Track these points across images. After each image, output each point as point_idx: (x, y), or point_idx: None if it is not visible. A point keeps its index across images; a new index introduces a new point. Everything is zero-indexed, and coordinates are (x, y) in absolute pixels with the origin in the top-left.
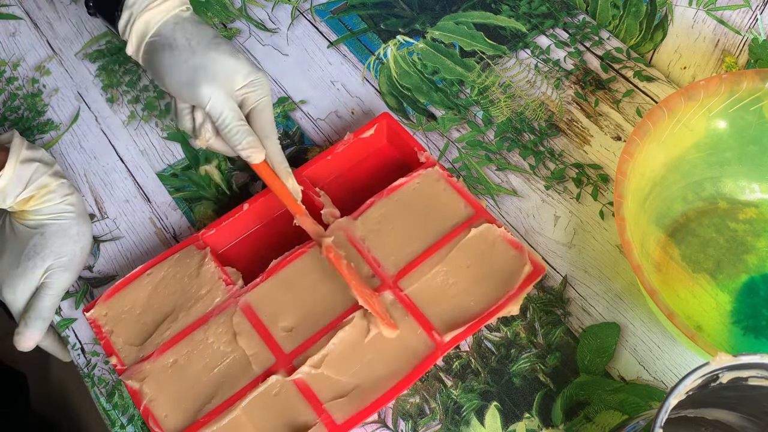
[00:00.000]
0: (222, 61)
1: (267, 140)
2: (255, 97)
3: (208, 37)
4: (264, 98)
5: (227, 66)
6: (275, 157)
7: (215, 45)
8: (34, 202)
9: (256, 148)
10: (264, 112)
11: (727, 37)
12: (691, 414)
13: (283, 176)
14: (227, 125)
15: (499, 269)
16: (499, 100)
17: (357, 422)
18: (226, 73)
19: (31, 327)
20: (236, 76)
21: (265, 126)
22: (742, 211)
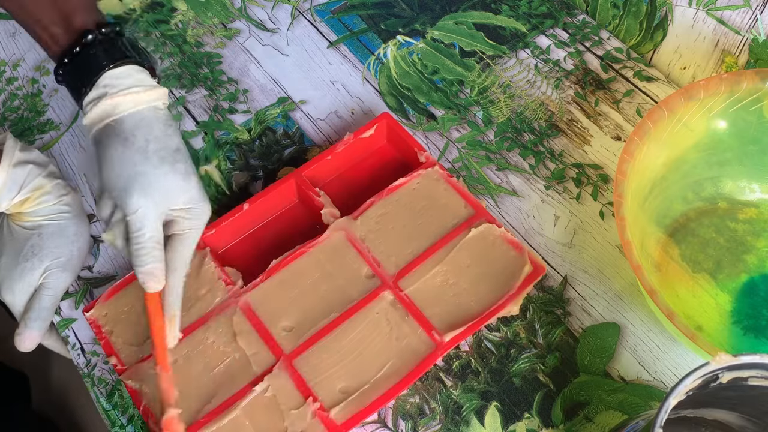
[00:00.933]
0: (170, 179)
1: (173, 273)
2: (186, 225)
3: (170, 150)
4: (192, 230)
5: (173, 186)
6: (170, 295)
7: (172, 160)
8: (29, 203)
9: (155, 277)
10: (184, 244)
11: (727, 37)
12: (691, 414)
13: (167, 317)
14: (139, 243)
15: (499, 269)
16: (499, 100)
17: (357, 422)
18: (167, 192)
19: (30, 328)
20: (177, 199)
21: (177, 259)
22: (742, 211)
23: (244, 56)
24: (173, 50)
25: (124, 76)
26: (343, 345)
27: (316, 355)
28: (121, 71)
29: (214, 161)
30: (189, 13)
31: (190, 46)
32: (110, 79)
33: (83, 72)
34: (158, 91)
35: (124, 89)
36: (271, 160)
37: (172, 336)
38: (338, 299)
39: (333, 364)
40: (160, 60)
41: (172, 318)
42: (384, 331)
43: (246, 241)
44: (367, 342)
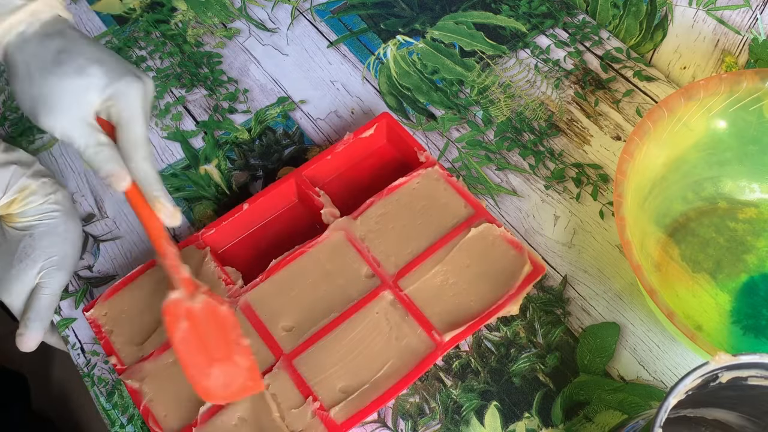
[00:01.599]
0: (62, 83)
1: (130, 161)
2: (117, 110)
3: (49, 57)
4: (125, 111)
5: (73, 87)
6: (140, 179)
7: (56, 66)
8: (17, 205)
9: (115, 176)
10: (127, 127)
11: (727, 37)
12: (690, 414)
13: (149, 201)
14: (82, 154)
15: (499, 269)
16: (498, 100)
17: (357, 422)
18: (72, 97)
19: (31, 328)
20: (87, 96)
21: (128, 144)
22: (742, 210)
23: (244, 56)
24: (173, 50)
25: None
26: (343, 345)
27: (315, 355)
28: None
29: (214, 161)
30: (189, 13)
31: (190, 45)
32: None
33: None
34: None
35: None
36: (271, 159)
37: (165, 215)
38: (338, 299)
39: (333, 363)
40: (160, 59)
41: (154, 199)
42: (384, 330)
43: (246, 240)
44: (366, 342)
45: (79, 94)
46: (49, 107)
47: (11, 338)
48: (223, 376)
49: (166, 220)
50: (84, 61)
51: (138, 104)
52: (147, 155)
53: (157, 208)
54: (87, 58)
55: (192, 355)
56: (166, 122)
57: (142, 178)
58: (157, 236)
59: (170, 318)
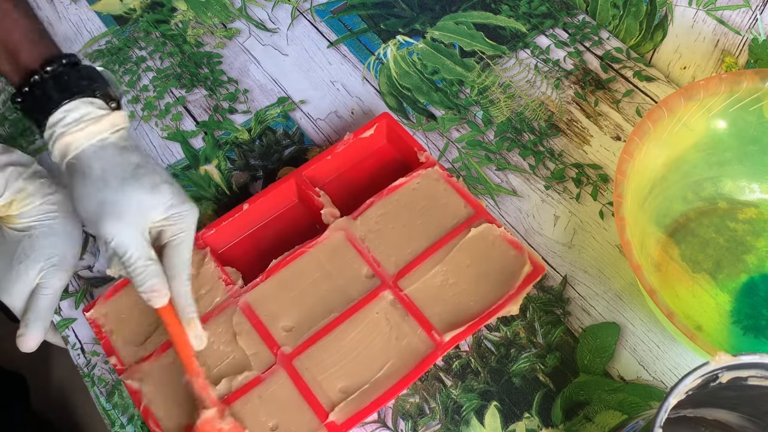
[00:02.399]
0: (137, 195)
1: (174, 280)
2: (173, 232)
3: (129, 169)
4: (181, 234)
5: (142, 201)
6: (179, 300)
7: (134, 178)
8: (15, 206)
9: (157, 292)
10: (178, 249)
11: (727, 37)
12: (690, 414)
13: (184, 322)
14: (130, 265)
15: (499, 269)
16: (498, 100)
17: (357, 422)
18: (139, 209)
19: (31, 328)
20: (152, 212)
21: (176, 265)
22: (742, 211)
23: (244, 56)
24: (173, 50)
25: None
26: (343, 345)
27: (316, 355)
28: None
29: (214, 161)
30: (189, 13)
31: (190, 46)
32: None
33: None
34: (108, 119)
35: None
36: (271, 160)
37: (194, 338)
38: (338, 299)
39: (333, 363)
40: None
41: (190, 321)
42: (384, 330)
43: (246, 241)
44: (367, 342)
45: (147, 210)
46: (117, 215)
47: (10, 339)
48: None
49: (194, 341)
50: (159, 180)
51: (192, 229)
52: (188, 278)
53: (190, 329)
54: (161, 176)
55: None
56: (166, 122)
57: (181, 298)
58: (188, 355)
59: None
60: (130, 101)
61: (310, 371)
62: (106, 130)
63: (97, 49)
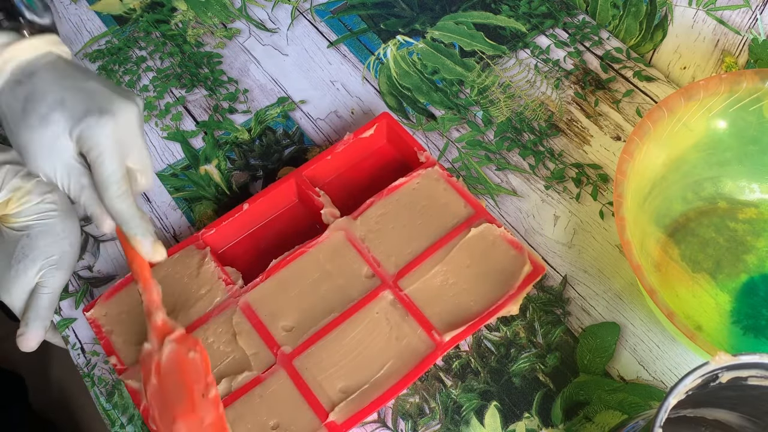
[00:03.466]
0: (33, 136)
1: (103, 200)
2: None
3: (18, 108)
4: (91, 151)
5: (41, 138)
6: (116, 219)
7: (23, 118)
8: (12, 205)
9: (98, 219)
10: (95, 167)
11: (727, 37)
12: (690, 414)
13: (128, 237)
14: (72, 198)
15: (499, 269)
16: (498, 100)
17: (357, 422)
18: (44, 145)
19: (31, 327)
20: (59, 141)
21: (98, 184)
22: (742, 211)
23: (244, 56)
24: (173, 50)
25: None
26: (343, 345)
27: (316, 355)
28: None
29: (214, 161)
30: (189, 13)
31: (190, 46)
32: None
33: None
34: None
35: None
36: (271, 160)
37: (144, 252)
38: (338, 299)
39: (333, 363)
40: (160, 59)
41: (131, 237)
42: (384, 330)
43: (246, 241)
44: (366, 342)
45: (49, 143)
46: (30, 157)
47: (10, 339)
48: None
49: (146, 256)
50: (46, 109)
51: (105, 141)
52: (119, 193)
53: (135, 246)
54: (49, 103)
55: (160, 412)
56: (166, 122)
57: (115, 217)
58: (138, 270)
59: (144, 372)
60: None
61: (310, 371)
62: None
63: (97, 49)
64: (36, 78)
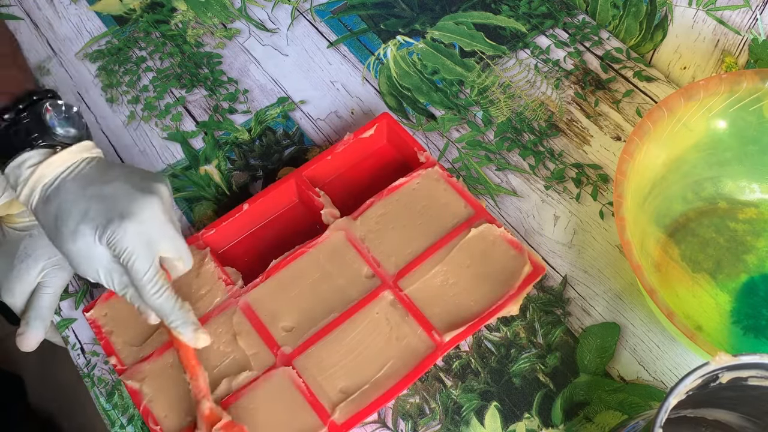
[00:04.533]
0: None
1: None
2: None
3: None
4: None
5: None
6: (158, 314)
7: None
8: (17, 206)
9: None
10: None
11: (727, 37)
12: (690, 414)
13: (171, 329)
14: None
15: (499, 269)
16: (498, 100)
17: (357, 422)
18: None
19: (31, 327)
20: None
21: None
22: (742, 211)
23: (244, 56)
24: (173, 50)
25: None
26: (343, 345)
27: (316, 355)
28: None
29: (214, 161)
30: (189, 13)
31: (190, 46)
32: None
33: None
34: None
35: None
36: (271, 160)
37: (186, 339)
38: (338, 299)
39: (333, 363)
40: (160, 60)
41: (173, 330)
42: (384, 331)
43: (246, 241)
44: (367, 342)
45: (86, 253)
46: (73, 263)
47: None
48: None
49: (189, 343)
50: (73, 224)
51: (131, 244)
52: (154, 291)
53: (178, 336)
54: (74, 218)
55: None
56: (166, 122)
57: (156, 312)
58: (185, 359)
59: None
60: (129, 101)
61: (310, 371)
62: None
63: (97, 49)
64: (62, 192)
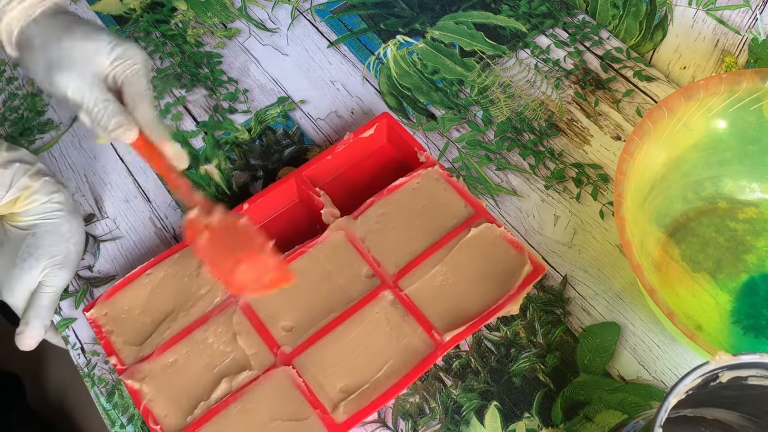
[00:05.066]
0: (77, 47)
1: (136, 110)
2: (124, 68)
3: (61, 27)
4: (134, 66)
5: (85, 50)
6: (147, 126)
7: (68, 33)
8: (20, 203)
9: (124, 126)
10: (133, 80)
11: (726, 37)
12: (690, 413)
13: (158, 144)
14: (90, 110)
15: (499, 269)
16: (499, 100)
17: (357, 421)
18: (82, 57)
19: (31, 326)
20: (98, 57)
21: (135, 94)
22: (742, 210)
23: (244, 56)
24: (173, 50)
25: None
26: (343, 344)
27: (316, 355)
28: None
29: (214, 161)
30: (189, 13)
31: (190, 46)
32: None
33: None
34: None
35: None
36: (271, 160)
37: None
38: (338, 299)
39: (333, 363)
40: (160, 59)
41: (161, 142)
42: (384, 330)
43: None
44: (367, 342)
45: (89, 56)
46: (63, 68)
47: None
48: (252, 271)
49: (174, 159)
50: (91, 29)
51: (141, 62)
52: (151, 105)
53: (165, 149)
54: (93, 27)
55: (218, 258)
56: (166, 122)
57: (149, 124)
58: (167, 173)
59: (191, 232)
60: None
61: (310, 371)
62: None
63: None
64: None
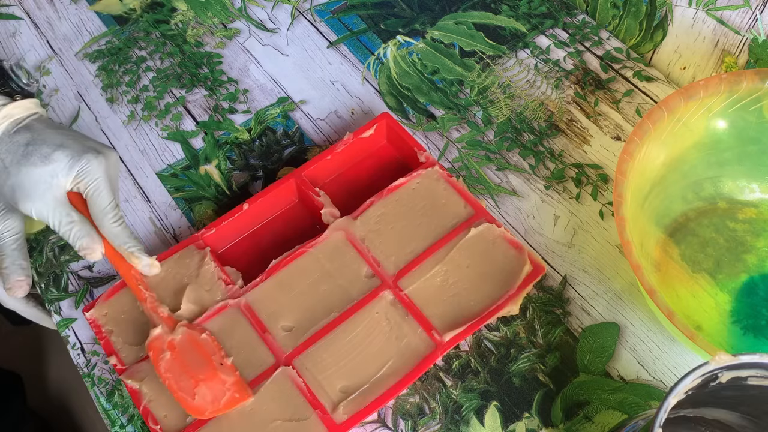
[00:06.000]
0: (35, 172)
1: (101, 228)
2: (84, 185)
3: (19, 151)
4: (92, 183)
5: (41, 175)
6: (113, 241)
7: (25, 158)
8: None
9: (88, 249)
10: (94, 199)
11: (726, 37)
12: (690, 414)
13: (125, 256)
14: (60, 232)
15: (499, 269)
16: (498, 100)
17: (356, 421)
18: (43, 182)
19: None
20: (56, 179)
21: (97, 213)
22: (742, 210)
23: (244, 56)
24: (173, 50)
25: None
26: (343, 344)
27: (315, 355)
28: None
29: (214, 161)
30: (189, 13)
31: (190, 46)
32: None
33: None
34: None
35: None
36: (271, 160)
37: (142, 267)
38: (338, 299)
39: (333, 363)
40: (160, 59)
41: (129, 255)
42: (384, 330)
43: (246, 241)
44: (366, 342)
45: (47, 180)
46: (25, 194)
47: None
48: (210, 393)
49: (144, 270)
50: (48, 150)
51: (101, 176)
52: (116, 219)
53: (134, 263)
54: (50, 146)
55: (178, 380)
56: (166, 122)
57: (114, 239)
58: (134, 286)
59: (154, 352)
60: (129, 101)
61: (310, 371)
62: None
63: (97, 49)
64: (33, 129)
